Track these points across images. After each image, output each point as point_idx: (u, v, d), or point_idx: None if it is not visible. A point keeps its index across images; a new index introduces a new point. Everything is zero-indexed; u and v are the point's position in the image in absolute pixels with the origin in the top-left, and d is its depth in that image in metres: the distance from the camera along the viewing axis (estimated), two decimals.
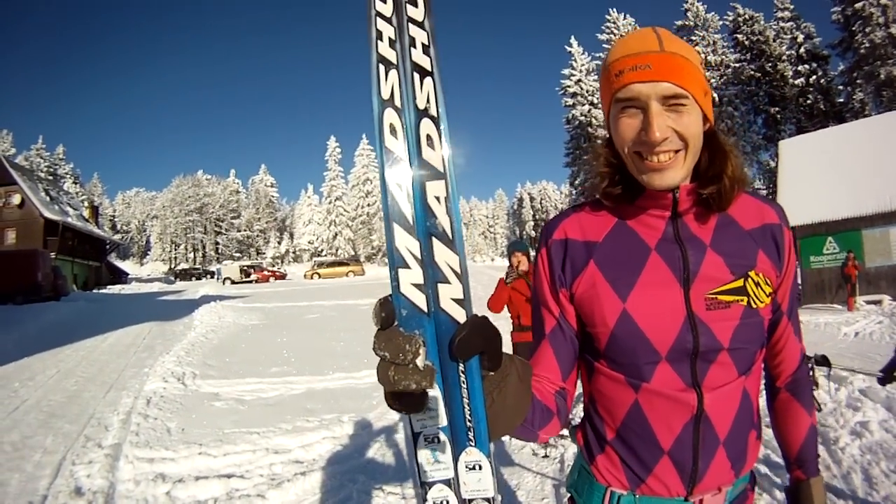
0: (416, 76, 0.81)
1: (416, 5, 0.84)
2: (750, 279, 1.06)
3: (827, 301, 17.57)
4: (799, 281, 19.17)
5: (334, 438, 5.60)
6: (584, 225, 1.15)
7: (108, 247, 50.26)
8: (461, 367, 0.77)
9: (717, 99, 38.82)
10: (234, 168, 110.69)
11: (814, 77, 38.68)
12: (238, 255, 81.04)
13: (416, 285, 0.76)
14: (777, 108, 39.99)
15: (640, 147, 1.00)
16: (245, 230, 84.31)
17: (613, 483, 1.13)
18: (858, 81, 35.49)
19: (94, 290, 36.63)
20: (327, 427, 5.94)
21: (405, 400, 0.74)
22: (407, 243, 0.76)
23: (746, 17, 41.76)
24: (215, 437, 5.74)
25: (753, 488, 1.20)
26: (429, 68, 0.81)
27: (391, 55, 0.82)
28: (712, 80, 37.74)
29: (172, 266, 78.33)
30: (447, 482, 0.82)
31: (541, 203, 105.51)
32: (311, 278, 47.73)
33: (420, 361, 0.72)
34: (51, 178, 57.22)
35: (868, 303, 15.78)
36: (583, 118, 42.30)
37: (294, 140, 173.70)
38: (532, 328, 1.23)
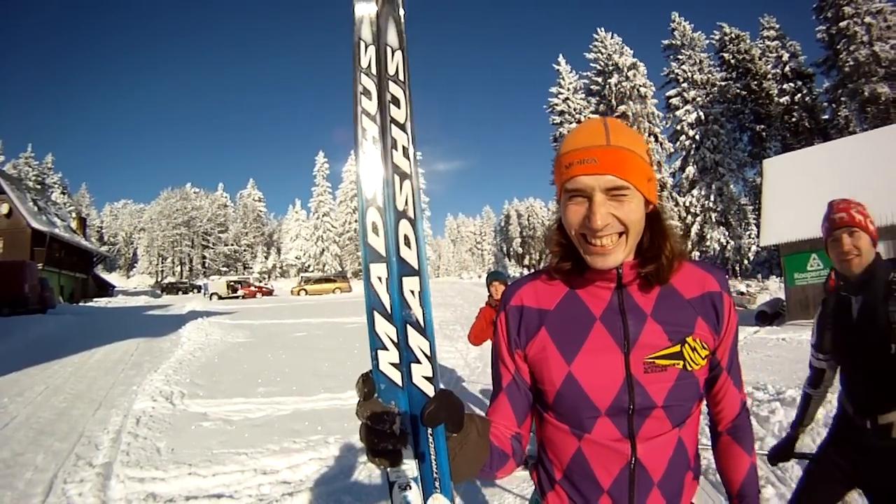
0: (397, 178, 0.95)
1: (398, 106, 0.98)
2: (686, 345, 1.20)
3: (811, 317, 17.64)
4: (783, 297, 19.44)
5: (321, 460, 5.68)
6: (539, 293, 1.30)
7: (95, 259, 50.02)
8: (430, 432, 0.94)
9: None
10: (222, 182, 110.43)
11: (799, 95, 39.23)
12: (225, 269, 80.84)
13: (393, 364, 0.92)
14: (762, 126, 40.54)
15: (585, 231, 1.14)
16: (232, 244, 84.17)
17: None
18: (843, 99, 36.03)
19: (81, 303, 36.49)
20: (314, 448, 6.02)
21: (383, 457, 0.90)
22: (385, 329, 0.92)
23: (732, 35, 42.37)
24: (204, 457, 5.80)
25: None
26: (408, 171, 0.96)
27: (375, 154, 0.96)
28: (698, 99, 38.17)
29: (159, 279, 78.02)
30: None
31: (528, 220, 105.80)
32: (298, 294, 47.57)
33: (396, 428, 0.90)
34: (39, 187, 56.88)
35: None
36: None
37: (282, 155, 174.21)
38: (492, 380, 1.40)
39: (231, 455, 5.86)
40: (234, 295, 47.49)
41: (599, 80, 42.51)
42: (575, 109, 43.52)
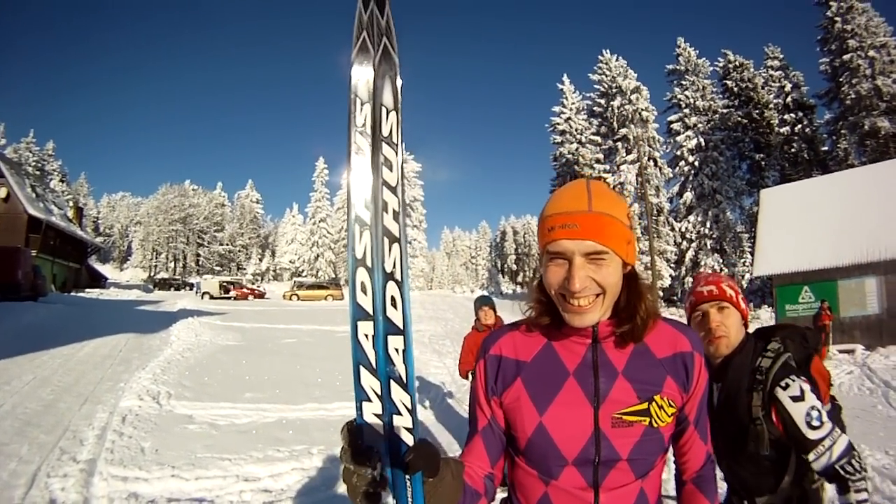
0: (386, 241, 1.03)
1: (391, 169, 1.06)
2: (654, 403, 1.27)
3: None
4: None
5: (303, 470, 5.75)
6: (518, 344, 1.38)
7: (89, 249, 49.78)
8: (408, 478, 1.03)
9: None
10: (221, 181, 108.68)
11: (799, 126, 39.47)
12: (219, 268, 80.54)
13: (376, 415, 1.00)
14: (762, 155, 40.78)
15: (564, 291, 1.22)
16: (227, 244, 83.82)
17: None
18: (843, 131, 36.20)
19: (73, 293, 36.30)
20: (297, 458, 6.08)
21: (365, 500, 1.00)
22: (370, 383, 1.00)
23: (737, 63, 42.67)
24: (188, 460, 5.86)
25: None
26: (397, 235, 1.04)
27: (366, 215, 1.04)
28: (699, 126, 38.37)
29: (152, 274, 77.73)
30: None
31: (524, 237, 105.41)
32: (290, 299, 47.37)
33: (377, 473, 1.00)
34: (38, 173, 56.73)
35: (841, 352, 15.99)
36: (570, 156, 42.69)
37: (283, 158, 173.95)
38: (469, 422, 1.48)
39: (214, 460, 5.92)
40: (226, 296, 47.22)
41: (602, 101, 42.62)
42: (576, 130, 43.59)
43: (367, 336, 1.01)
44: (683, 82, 40.37)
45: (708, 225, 37.49)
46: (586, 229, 1.19)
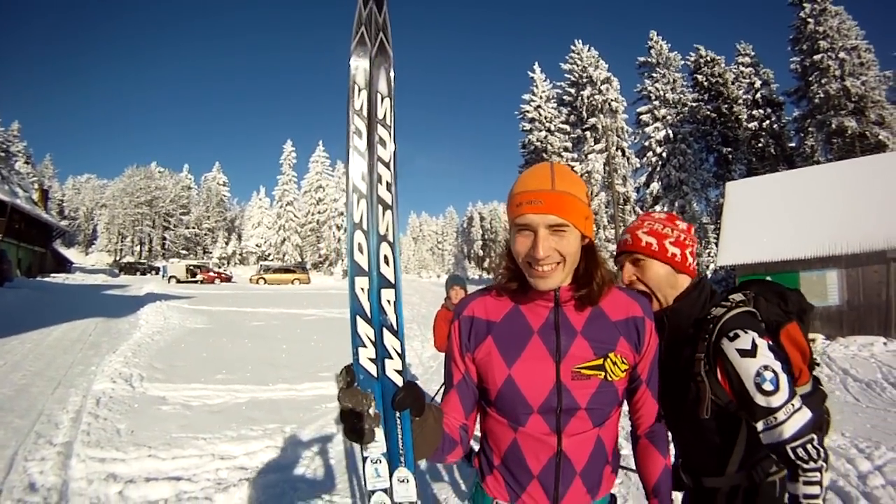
0: (380, 208, 1.19)
1: (384, 147, 1.21)
2: (608, 359, 1.49)
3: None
4: None
5: (277, 448, 5.91)
6: (488, 307, 1.58)
7: (54, 233, 48.80)
8: (397, 415, 1.24)
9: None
10: (187, 163, 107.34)
11: (767, 122, 40.03)
12: (185, 252, 79.41)
13: (370, 359, 1.18)
14: (729, 149, 41.39)
15: (530, 259, 1.41)
16: (193, 227, 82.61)
17: (498, 496, 1.57)
18: (810, 129, 36.78)
19: (38, 278, 35.61)
20: (270, 437, 6.24)
21: (360, 436, 1.20)
22: (365, 330, 1.17)
23: (708, 58, 43.11)
24: (164, 440, 5.98)
25: None
26: (389, 203, 1.20)
27: (363, 186, 1.19)
28: (668, 118, 38.83)
29: (117, 258, 76.43)
30: (385, 490, 1.27)
31: (490, 223, 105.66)
32: (257, 283, 47.32)
33: (371, 410, 1.20)
34: (2, 155, 55.18)
35: None
36: (539, 143, 42.91)
37: (250, 140, 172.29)
38: (444, 378, 1.69)
39: (190, 439, 6.05)
40: (193, 279, 46.92)
41: (572, 91, 42.81)
42: (546, 118, 43.76)
43: (362, 289, 1.18)
44: (654, 75, 40.70)
45: None
46: (550, 205, 1.38)
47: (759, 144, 40.27)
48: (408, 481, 1.25)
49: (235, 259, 78.46)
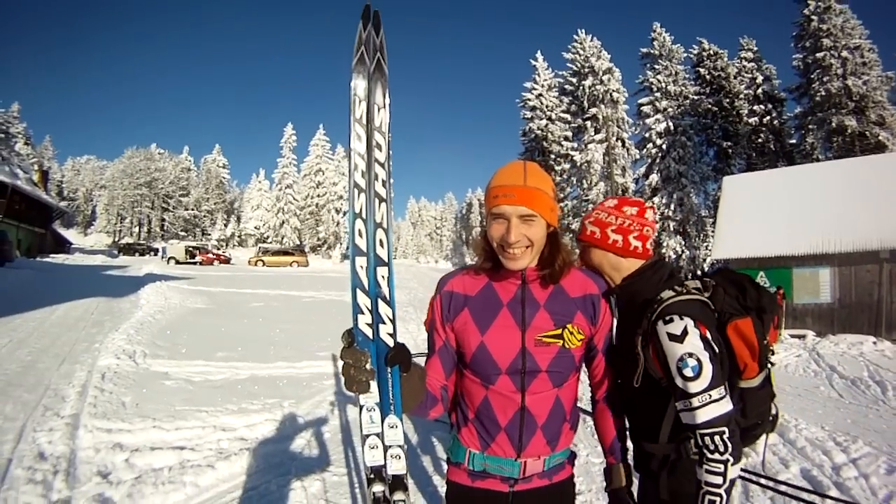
0: (377, 201, 1.42)
1: (381, 150, 1.45)
2: (567, 329, 1.77)
3: None
4: None
5: (276, 421, 6.17)
6: (466, 283, 1.86)
7: (54, 214, 48.85)
8: (389, 370, 1.51)
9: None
10: (187, 145, 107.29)
11: (768, 117, 40.15)
12: (184, 233, 79.54)
13: (367, 324, 1.43)
14: (729, 143, 41.55)
15: (502, 243, 1.69)
16: (193, 209, 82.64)
17: (471, 446, 1.84)
18: (811, 126, 36.79)
19: (38, 258, 35.81)
20: (270, 410, 6.51)
21: (357, 386, 1.45)
22: (364, 301, 1.42)
23: (711, 52, 43.16)
24: (167, 412, 6.22)
25: (572, 464, 1.94)
26: (385, 197, 1.44)
27: (362, 183, 1.42)
28: (669, 110, 38.80)
29: (116, 239, 76.66)
30: (377, 434, 1.53)
31: None
32: (256, 265, 47.77)
33: (367, 366, 1.45)
34: (2, 136, 55.12)
35: (792, 336, 16.50)
36: (539, 132, 43.00)
37: (251, 123, 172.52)
38: (427, 346, 1.94)
39: (192, 412, 6.30)
40: (192, 260, 47.08)
41: (574, 80, 42.73)
42: (547, 107, 43.76)
43: (361, 267, 1.44)
44: (656, 66, 40.66)
45: (672, 207, 38.09)
46: (521, 198, 1.65)
47: (759, 140, 40.43)
48: (396, 427, 1.52)
49: (234, 241, 78.64)
